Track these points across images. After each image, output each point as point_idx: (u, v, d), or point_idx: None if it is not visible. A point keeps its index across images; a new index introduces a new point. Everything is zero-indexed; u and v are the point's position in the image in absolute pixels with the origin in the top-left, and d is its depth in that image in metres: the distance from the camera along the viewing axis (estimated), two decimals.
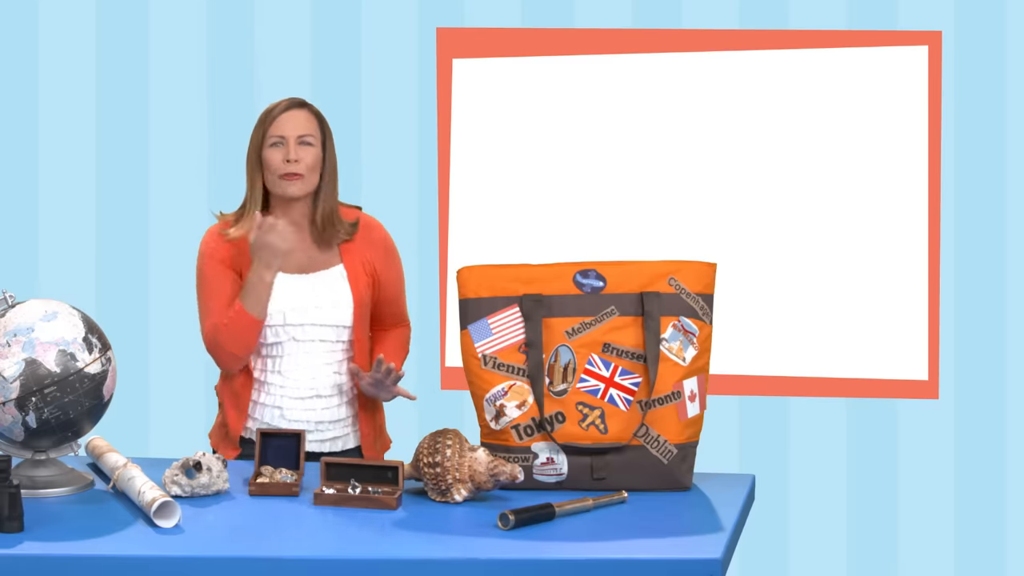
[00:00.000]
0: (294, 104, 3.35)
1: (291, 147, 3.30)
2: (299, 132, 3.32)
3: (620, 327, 3.02)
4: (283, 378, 3.36)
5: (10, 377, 2.90)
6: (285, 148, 3.31)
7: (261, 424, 3.37)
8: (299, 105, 3.35)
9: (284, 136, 3.31)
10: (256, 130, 3.35)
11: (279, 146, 3.32)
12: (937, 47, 4.31)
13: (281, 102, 3.36)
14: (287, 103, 3.35)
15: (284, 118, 3.32)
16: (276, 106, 3.35)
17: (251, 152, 3.35)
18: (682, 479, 3.02)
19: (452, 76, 4.48)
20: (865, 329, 4.37)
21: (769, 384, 4.42)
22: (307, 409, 3.37)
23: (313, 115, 3.36)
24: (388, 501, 2.87)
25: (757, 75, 4.39)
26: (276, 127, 3.32)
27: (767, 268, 4.41)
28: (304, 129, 3.32)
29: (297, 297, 3.34)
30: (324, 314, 3.35)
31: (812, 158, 4.38)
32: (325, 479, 2.94)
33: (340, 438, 3.41)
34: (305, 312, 3.34)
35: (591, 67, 4.44)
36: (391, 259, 3.46)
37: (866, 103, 4.35)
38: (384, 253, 3.44)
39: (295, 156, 3.29)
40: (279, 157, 3.31)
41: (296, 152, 3.30)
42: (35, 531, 2.70)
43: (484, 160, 4.50)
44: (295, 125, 3.32)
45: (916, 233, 4.35)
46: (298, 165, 3.29)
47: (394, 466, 2.93)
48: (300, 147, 3.31)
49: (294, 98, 3.37)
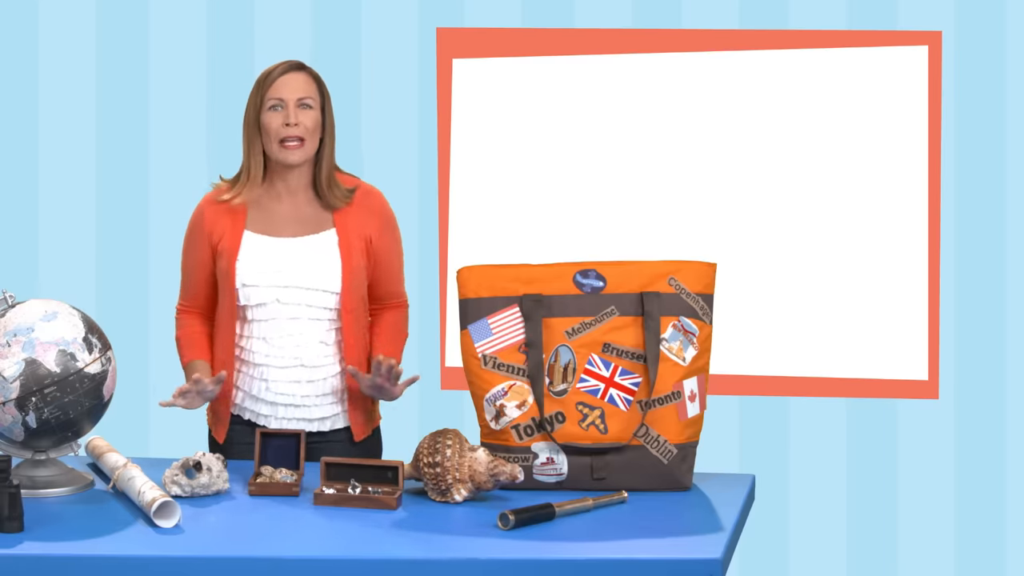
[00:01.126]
0: (292, 67, 3.30)
1: (291, 110, 3.26)
2: (298, 95, 3.27)
3: (620, 327, 3.02)
4: (267, 345, 3.32)
5: (10, 377, 2.90)
6: (284, 111, 3.26)
7: (248, 395, 3.36)
8: (297, 67, 3.31)
9: (283, 99, 3.27)
10: (253, 94, 3.30)
11: (278, 109, 3.27)
12: (937, 47, 4.31)
13: (278, 65, 3.31)
14: (285, 65, 3.30)
15: (282, 81, 3.28)
16: (274, 69, 3.30)
17: (248, 117, 3.31)
18: (682, 479, 3.02)
19: (452, 76, 4.48)
20: (865, 329, 4.37)
21: (769, 384, 4.41)
22: (292, 381, 3.32)
23: (311, 77, 3.31)
24: (388, 501, 2.87)
25: (757, 75, 4.39)
26: (274, 90, 3.28)
27: (767, 268, 4.41)
28: (303, 91, 3.28)
29: (284, 259, 3.30)
30: (311, 278, 3.29)
31: (812, 158, 4.38)
32: (325, 479, 2.94)
33: (328, 418, 3.36)
34: (291, 275, 3.29)
35: (591, 67, 4.44)
36: (389, 229, 3.39)
37: (866, 103, 4.35)
38: (382, 222, 3.38)
39: (295, 119, 3.25)
40: (278, 121, 3.26)
41: (296, 115, 3.26)
42: (35, 531, 2.70)
43: (484, 160, 4.50)
44: (294, 87, 3.28)
45: (916, 233, 4.35)
46: (298, 128, 3.25)
47: (394, 466, 2.93)
48: (299, 110, 3.27)
49: (292, 60, 3.32)
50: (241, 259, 3.31)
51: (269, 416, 3.34)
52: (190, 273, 3.41)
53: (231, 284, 3.31)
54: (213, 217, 3.35)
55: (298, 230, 3.33)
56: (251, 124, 3.30)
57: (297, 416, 3.33)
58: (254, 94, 3.31)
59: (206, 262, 3.36)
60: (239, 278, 3.31)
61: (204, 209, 3.38)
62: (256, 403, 3.35)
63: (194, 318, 3.43)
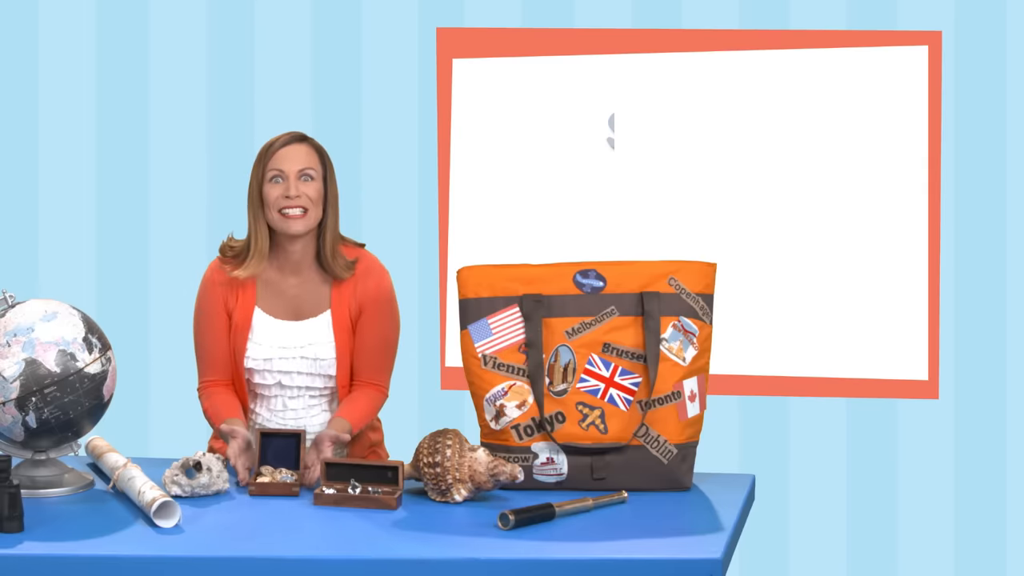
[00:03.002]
0: (294, 139, 3.30)
1: (291, 182, 3.25)
2: (299, 166, 3.26)
3: (620, 327, 3.02)
4: (272, 414, 3.35)
5: (10, 377, 2.90)
6: (285, 184, 3.26)
7: None
8: (298, 139, 3.30)
9: (283, 171, 3.26)
10: (256, 166, 3.30)
11: (278, 181, 3.27)
12: (937, 47, 4.31)
13: (280, 137, 3.30)
14: (286, 137, 3.30)
15: (283, 153, 3.27)
16: (275, 141, 3.30)
17: (252, 189, 3.30)
18: (682, 479, 3.03)
19: (452, 76, 4.48)
20: (865, 329, 4.37)
21: (769, 384, 4.41)
22: None
23: (313, 148, 3.31)
24: (388, 501, 2.87)
25: (757, 75, 4.39)
26: (275, 161, 3.27)
27: (767, 268, 4.41)
28: (304, 163, 3.27)
29: (284, 344, 3.32)
30: (309, 363, 3.32)
31: (812, 158, 4.38)
32: (325, 479, 2.94)
33: None
34: (292, 360, 3.32)
35: (591, 67, 4.44)
36: (378, 313, 3.35)
37: (866, 103, 4.35)
38: (372, 304, 3.34)
39: (295, 192, 3.24)
40: (278, 192, 3.26)
41: (297, 187, 3.25)
42: (35, 531, 2.70)
43: (484, 160, 4.50)
44: (295, 159, 3.27)
45: (916, 233, 4.35)
46: (300, 199, 3.24)
47: (394, 466, 2.93)
48: (300, 182, 3.26)
49: (294, 132, 3.32)
50: (251, 342, 3.33)
51: None
52: (212, 348, 3.36)
53: (240, 361, 3.33)
54: (224, 287, 3.35)
55: (301, 311, 3.34)
56: (254, 196, 3.29)
57: None
58: (256, 166, 3.30)
59: (226, 332, 3.36)
60: (248, 360, 3.32)
61: (215, 281, 3.36)
62: None
63: (222, 388, 3.38)
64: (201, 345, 3.38)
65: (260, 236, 3.30)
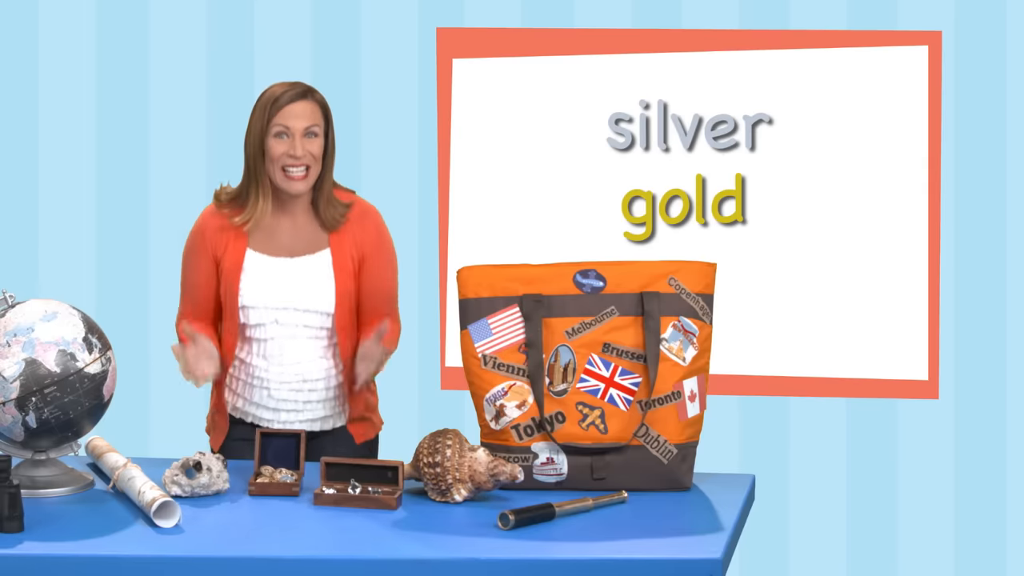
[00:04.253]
0: (299, 94, 3.27)
1: (297, 140, 3.24)
2: (305, 123, 3.25)
3: (620, 327, 3.02)
4: (267, 362, 3.33)
5: (10, 377, 2.90)
6: (290, 140, 3.24)
7: (249, 401, 3.37)
8: (304, 94, 3.27)
9: (289, 127, 3.24)
10: (258, 115, 3.27)
11: (283, 138, 3.25)
12: (937, 47, 4.31)
13: (286, 91, 3.26)
14: (292, 93, 3.26)
15: (290, 110, 3.25)
16: (281, 94, 3.26)
17: (252, 137, 3.28)
18: (682, 479, 3.02)
19: (452, 76, 4.48)
20: (865, 329, 4.37)
21: (769, 384, 4.41)
22: (293, 390, 3.34)
23: (318, 104, 3.29)
24: (388, 501, 2.87)
25: (757, 75, 4.39)
26: (281, 116, 3.25)
27: (767, 268, 4.41)
28: (310, 120, 3.26)
29: (280, 281, 3.30)
30: (306, 300, 3.30)
31: (812, 158, 4.38)
32: (325, 479, 2.94)
33: (331, 417, 3.38)
34: (287, 297, 3.30)
35: (591, 67, 4.44)
36: (380, 250, 3.37)
37: (866, 103, 4.35)
38: (374, 243, 3.36)
39: (301, 151, 3.24)
40: (283, 149, 3.24)
41: (303, 146, 3.24)
42: (35, 531, 2.70)
43: (484, 160, 4.50)
44: (302, 116, 3.25)
45: (916, 233, 4.35)
46: (304, 159, 3.24)
47: (394, 466, 2.93)
48: (306, 139, 3.25)
49: (299, 86, 3.29)
50: (244, 279, 3.31)
51: (272, 420, 3.35)
52: (194, 288, 3.39)
53: (234, 303, 3.32)
54: (215, 232, 3.35)
55: (296, 250, 3.33)
56: (255, 145, 3.27)
57: (299, 419, 3.34)
58: (258, 115, 3.27)
59: (210, 276, 3.35)
60: (242, 298, 3.31)
61: (207, 223, 3.36)
62: (258, 408, 3.36)
63: (198, 323, 3.39)
64: (186, 282, 3.40)
65: (263, 186, 3.28)
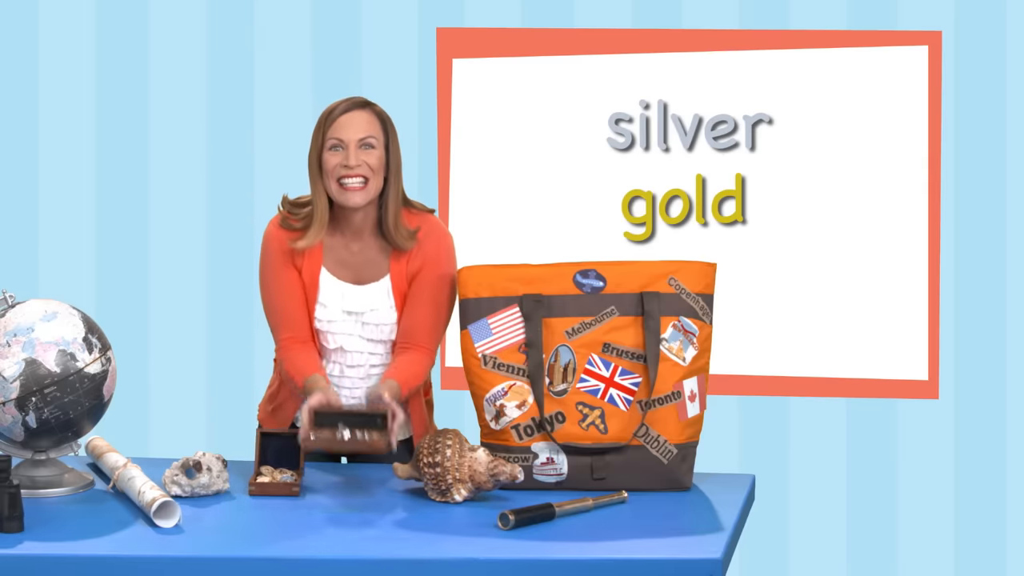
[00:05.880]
0: (354, 105, 3.20)
1: (351, 151, 3.16)
2: (360, 135, 3.17)
3: (620, 327, 3.02)
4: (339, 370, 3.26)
5: (10, 377, 2.90)
6: (344, 152, 3.16)
7: None
8: (359, 106, 3.21)
9: (343, 139, 3.17)
10: (316, 133, 3.21)
11: (338, 150, 3.17)
12: (937, 47, 4.31)
13: (341, 103, 3.21)
14: (346, 104, 3.20)
15: (343, 120, 3.18)
16: (335, 107, 3.20)
17: (312, 156, 3.21)
18: (682, 479, 3.03)
19: (452, 76, 4.48)
20: (865, 329, 4.37)
21: (769, 384, 4.41)
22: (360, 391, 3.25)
23: (375, 115, 3.21)
24: (378, 443, 2.84)
25: (757, 75, 4.39)
26: (335, 129, 3.18)
27: (767, 268, 4.41)
28: (365, 131, 3.18)
29: (346, 308, 3.24)
30: (369, 329, 3.24)
31: (812, 158, 4.38)
32: (313, 426, 2.92)
33: None
34: (352, 324, 3.24)
35: (591, 67, 4.44)
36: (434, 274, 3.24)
37: (866, 103, 4.35)
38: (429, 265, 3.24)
39: (355, 161, 3.16)
40: (337, 161, 3.16)
41: (356, 156, 3.16)
42: (35, 531, 2.70)
43: (484, 160, 4.50)
44: (356, 127, 3.17)
45: (916, 233, 4.35)
46: (359, 169, 3.16)
47: (383, 412, 2.91)
48: (361, 150, 3.17)
49: (355, 98, 3.22)
50: (320, 301, 3.25)
51: None
52: (287, 303, 3.25)
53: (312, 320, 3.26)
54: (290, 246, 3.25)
55: (359, 276, 3.25)
56: (313, 163, 3.20)
57: None
58: (316, 133, 3.21)
59: (297, 287, 3.26)
60: (317, 321, 3.25)
61: (279, 238, 3.26)
62: None
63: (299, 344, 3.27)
64: (271, 304, 3.27)
65: (320, 206, 3.20)
